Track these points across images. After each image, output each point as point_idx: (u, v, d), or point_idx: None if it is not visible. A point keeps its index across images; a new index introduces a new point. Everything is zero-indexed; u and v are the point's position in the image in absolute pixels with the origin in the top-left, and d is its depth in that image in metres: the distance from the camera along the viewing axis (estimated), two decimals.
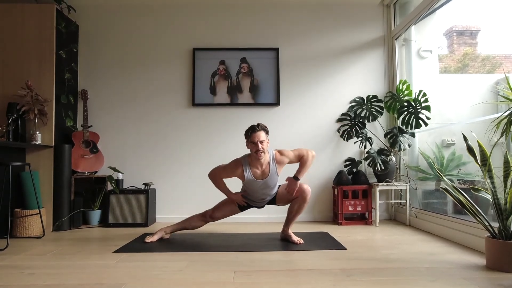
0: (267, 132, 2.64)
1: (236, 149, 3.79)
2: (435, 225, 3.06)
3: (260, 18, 4.01)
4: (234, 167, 2.70)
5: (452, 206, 3.24)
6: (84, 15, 3.92)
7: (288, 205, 2.84)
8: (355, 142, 3.85)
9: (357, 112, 3.84)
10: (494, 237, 2.06)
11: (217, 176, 2.77)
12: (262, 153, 2.58)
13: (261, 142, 2.56)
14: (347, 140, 3.81)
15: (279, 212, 3.62)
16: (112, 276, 1.92)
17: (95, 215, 3.58)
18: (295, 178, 2.69)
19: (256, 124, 2.64)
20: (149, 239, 2.76)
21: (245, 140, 2.67)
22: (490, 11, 3.52)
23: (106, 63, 3.94)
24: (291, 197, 2.77)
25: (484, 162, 2.09)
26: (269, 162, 2.68)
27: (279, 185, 2.85)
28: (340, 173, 3.71)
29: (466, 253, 2.38)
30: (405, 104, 3.56)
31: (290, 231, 2.79)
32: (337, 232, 3.18)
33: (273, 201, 2.87)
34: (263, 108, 3.93)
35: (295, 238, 2.72)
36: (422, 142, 3.74)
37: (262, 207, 2.93)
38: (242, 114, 3.91)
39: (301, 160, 2.71)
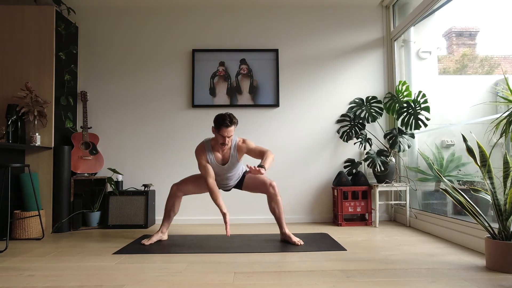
0: (236, 124, 2.68)
1: None
2: (435, 226, 3.06)
3: (260, 19, 4.02)
4: (202, 152, 2.75)
5: (452, 207, 3.24)
6: (84, 17, 3.93)
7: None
8: (354, 143, 3.86)
9: (357, 113, 3.84)
10: (494, 238, 2.06)
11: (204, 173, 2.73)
12: (226, 146, 2.66)
13: (229, 136, 2.63)
14: (346, 141, 3.80)
15: None
16: (111, 278, 1.92)
17: (95, 216, 3.57)
18: (260, 166, 2.52)
19: (228, 117, 2.61)
20: (147, 242, 2.75)
21: (212, 125, 2.68)
22: (489, 12, 3.53)
23: (106, 65, 3.94)
24: (257, 184, 2.83)
25: (484, 163, 2.09)
26: (230, 147, 2.74)
27: (246, 171, 2.88)
28: (339, 174, 3.71)
29: (466, 254, 2.38)
30: (405, 105, 3.57)
31: (289, 232, 2.78)
32: (337, 233, 3.18)
33: (239, 187, 2.95)
34: (263, 109, 3.93)
35: (295, 239, 2.72)
36: (421, 143, 3.74)
37: (228, 190, 3.00)
38: (242, 115, 3.91)
39: (264, 154, 2.68)
